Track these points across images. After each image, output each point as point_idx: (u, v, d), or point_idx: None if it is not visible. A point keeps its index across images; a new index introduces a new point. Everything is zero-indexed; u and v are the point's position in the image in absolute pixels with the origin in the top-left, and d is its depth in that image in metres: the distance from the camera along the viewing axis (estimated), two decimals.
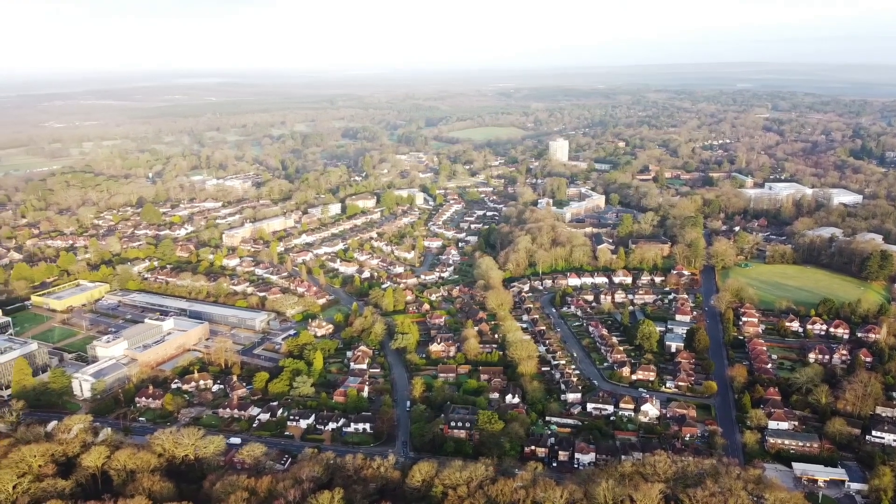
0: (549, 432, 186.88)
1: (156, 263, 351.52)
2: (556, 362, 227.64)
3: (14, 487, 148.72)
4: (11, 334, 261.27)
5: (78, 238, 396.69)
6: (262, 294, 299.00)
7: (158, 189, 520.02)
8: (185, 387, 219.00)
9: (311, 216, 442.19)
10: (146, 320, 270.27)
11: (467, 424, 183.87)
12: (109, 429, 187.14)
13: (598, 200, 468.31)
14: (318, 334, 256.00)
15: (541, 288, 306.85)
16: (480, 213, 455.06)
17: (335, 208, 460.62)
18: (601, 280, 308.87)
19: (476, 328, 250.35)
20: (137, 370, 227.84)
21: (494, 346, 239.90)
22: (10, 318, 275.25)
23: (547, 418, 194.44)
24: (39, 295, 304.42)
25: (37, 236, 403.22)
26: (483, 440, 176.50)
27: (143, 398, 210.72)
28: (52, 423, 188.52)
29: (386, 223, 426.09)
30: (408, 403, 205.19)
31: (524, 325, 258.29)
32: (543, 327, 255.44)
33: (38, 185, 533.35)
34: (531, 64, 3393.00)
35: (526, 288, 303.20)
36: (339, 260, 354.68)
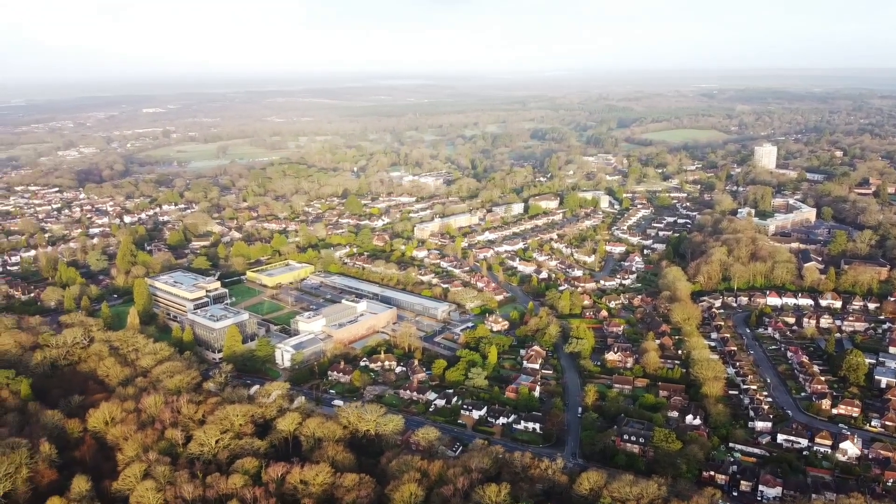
0: (732, 459, 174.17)
1: (355, 250, 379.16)
2: (745, 386, 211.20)
3: (217, 442, 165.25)
4: (227, 304, 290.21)
5: (290, 223, 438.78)
6: (445, 286, 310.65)
7: (361, 182, 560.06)
8: (371, 365, 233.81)
9: (494, 214, 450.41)
10: (343, 301, 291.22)
11: (641, 440, 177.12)
12: (303, 397, 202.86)
13: (808, 214, 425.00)
14: (494, 329, 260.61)
15: (734, 305, 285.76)
16: (670, 219, 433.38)
17: (518, 208, 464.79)
18: (805, 302, 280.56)
19: (657, 341, 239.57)
20: (332, 346, 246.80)
21: (677, 362, 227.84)
22: (227, 290, 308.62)
23: (730, 445, 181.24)
24: (254, 271, 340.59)
25: (255, 219, 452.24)
26: (657, 458, 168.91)
27: (335, 372, 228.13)
28: (255, 388, 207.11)
29: (567, 225, 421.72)
30: (579, 410, 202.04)
31: (712, 344, 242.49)
32: (734, 347, 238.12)
33: (259, 174, 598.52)
34: (738, 64, 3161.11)
35: (717, 303, 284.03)
36: (518, 259, 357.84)
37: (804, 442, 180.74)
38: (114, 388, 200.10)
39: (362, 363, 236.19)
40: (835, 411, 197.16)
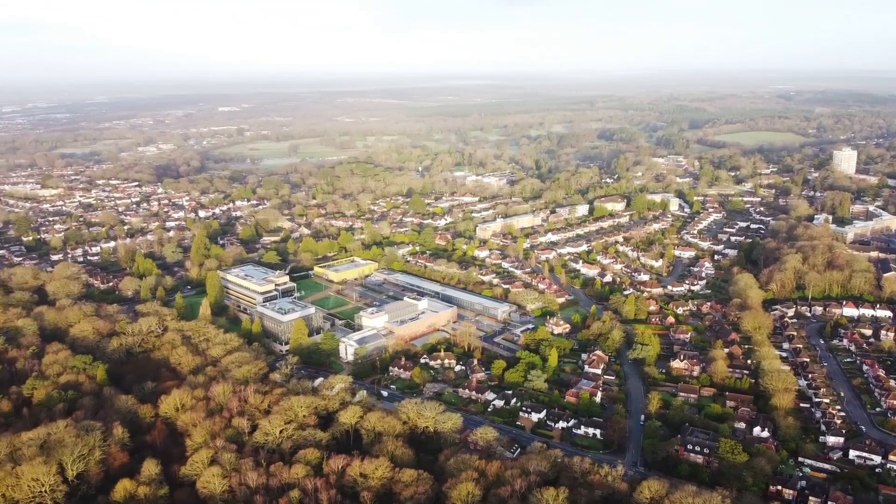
0: (801, 474, 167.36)
1: (417, 248, 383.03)
2: (817, 400, 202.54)
3: (281, 432, 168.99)
4: (295, 298, 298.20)
5: (356, 220, 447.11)
6: (506, 286, 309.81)
7: (425, 182, 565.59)
8: (431, 363, 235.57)
9: (558, 216, 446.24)
10: (405, 298, 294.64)
11: (706, 450, 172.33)
12: (365, 391, 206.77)
13: (889, 221, 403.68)
14: (555, 332, 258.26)
15: (808, 315, 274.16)
16: (743, 224, 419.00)
17: (583, 209, 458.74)
18: (884, 313, 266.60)
19: (726, 350, 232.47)
20: (393, 342, 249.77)
21: (746, 372, 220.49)
22: (295, 284, 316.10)
23: (799, 459, 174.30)
24: (321, 267, 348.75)
25: (323, 216, 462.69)
26: (722, 470, 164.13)
27: (396, 368, 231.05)
28: (319, 380, 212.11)
29: (634, 228, 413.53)
30: (642, 417, 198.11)
31: (784, 354, 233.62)
32: (807, 359, 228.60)
33: (328, 172, 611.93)
34: (817, 65, 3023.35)
35: (790, 313, 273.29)
36: (581, 261, 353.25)
37: (877, 459, 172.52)
38: (185, 376, 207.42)
39: (422, 360, 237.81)
40: None
